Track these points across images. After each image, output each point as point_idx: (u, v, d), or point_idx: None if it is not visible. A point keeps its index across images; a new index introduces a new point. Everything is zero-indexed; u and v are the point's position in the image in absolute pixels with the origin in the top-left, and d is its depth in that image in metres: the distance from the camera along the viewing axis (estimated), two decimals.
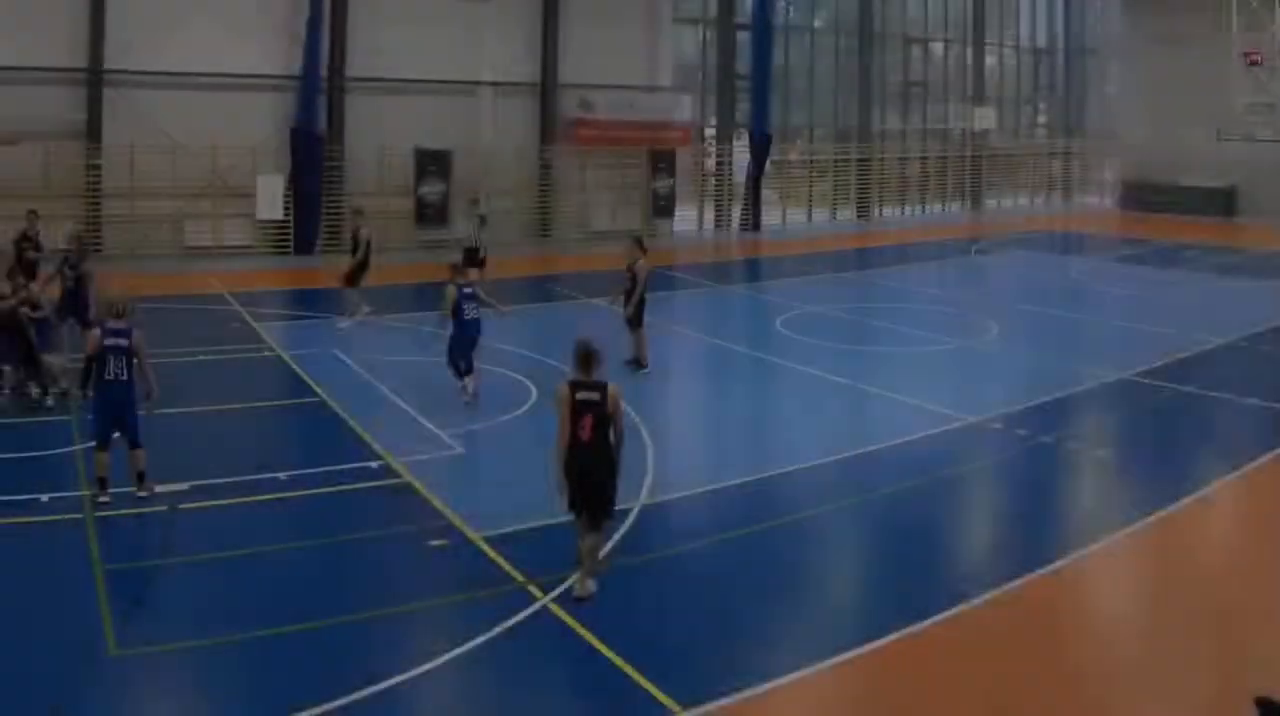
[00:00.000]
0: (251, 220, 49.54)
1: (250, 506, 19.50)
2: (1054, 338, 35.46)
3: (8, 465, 21.13)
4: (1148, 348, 32.85)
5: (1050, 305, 41.23)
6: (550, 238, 58.48)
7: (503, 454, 23.27)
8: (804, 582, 17.00)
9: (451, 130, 54.95)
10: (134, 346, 19.40)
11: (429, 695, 13.57)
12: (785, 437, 24.28)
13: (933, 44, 77.87)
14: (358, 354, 30.58)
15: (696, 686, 13.43)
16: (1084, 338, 36.06)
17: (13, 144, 41.61)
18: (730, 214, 66.28)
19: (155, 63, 47.92)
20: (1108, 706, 13.68)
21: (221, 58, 49.05)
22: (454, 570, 17.16)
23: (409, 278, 42.69)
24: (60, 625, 14.78)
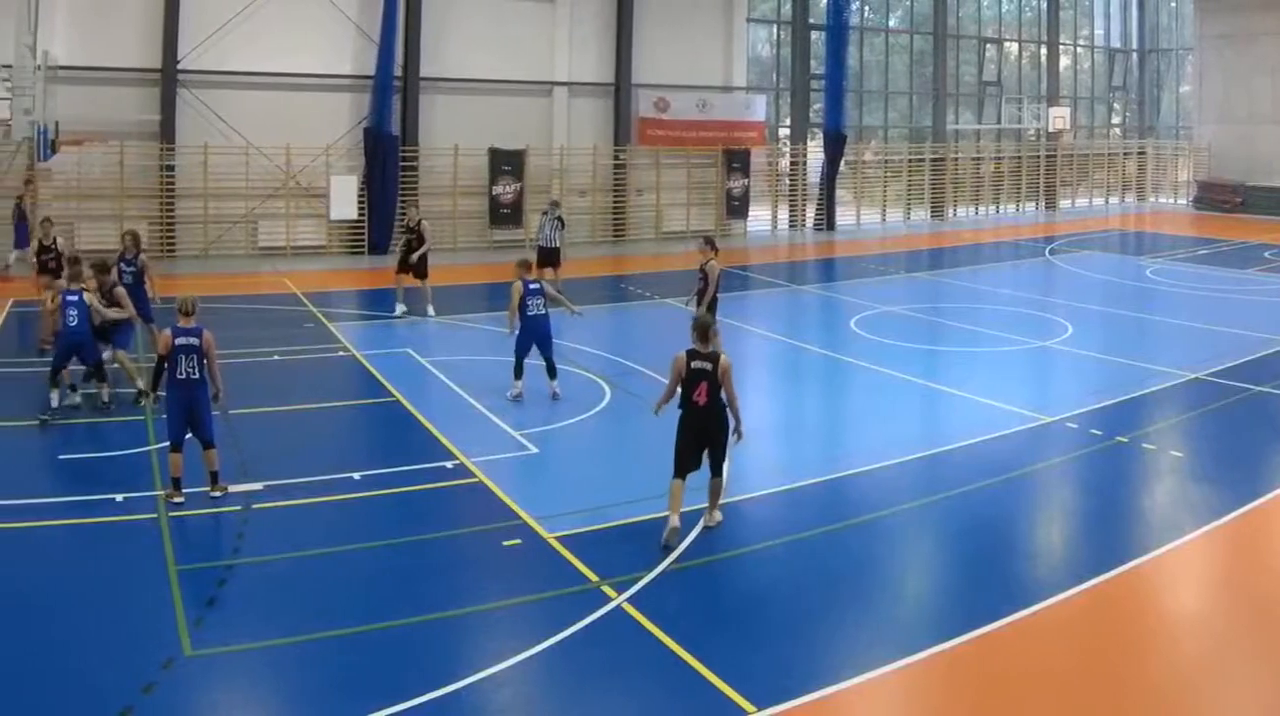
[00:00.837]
0: (325, 221, 49.70)
1: (324, 506, 19.54)
2: (1128, 337, 35.22)
3: (83, 465, 21.19)
4: (1222, 348, 32.55)
5: (1124, 305, 41.00)
6: (624, 238, 58.52)
7: (577, 454, 23.20)
8: (878, 582, 16.88)
9: (525, 130, 55.08)
10: (204, 346, 19.45)
11: (503, 695, 13.44)
12: (860, 437, 24.15)
13: (1007, 44, 77.64)
14: (432, 354, 30.60)
15: (771, 686, 13.32)
16: (1158, 337, 35.78)
17: (79, 144, 41.80)
18: (804, 214, 66.21)
19: (228, 63, 48.40)
20: (1182, 706, 13.56)
21: (295, 58, 49.51)
22: (527, 570, 17.08)
23: (483, 278, 42.71)
24: (135, 626, 14.74)
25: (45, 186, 45.38)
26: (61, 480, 20.55)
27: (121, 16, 46.70)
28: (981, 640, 14.71)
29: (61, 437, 22.83)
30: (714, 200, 61.82)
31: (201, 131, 48.00)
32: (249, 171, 48.70)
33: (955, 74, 73.54)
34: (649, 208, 59.95)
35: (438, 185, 53.26)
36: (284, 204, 49.93)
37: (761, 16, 66.12)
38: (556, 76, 56.67)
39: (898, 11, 72.90)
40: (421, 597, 15.82)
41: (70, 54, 43.20)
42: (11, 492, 19.45)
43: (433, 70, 53.05)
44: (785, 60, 66.67)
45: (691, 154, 60.61)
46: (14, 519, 18.32)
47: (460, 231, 53.42)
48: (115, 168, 46.39)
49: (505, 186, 54.43)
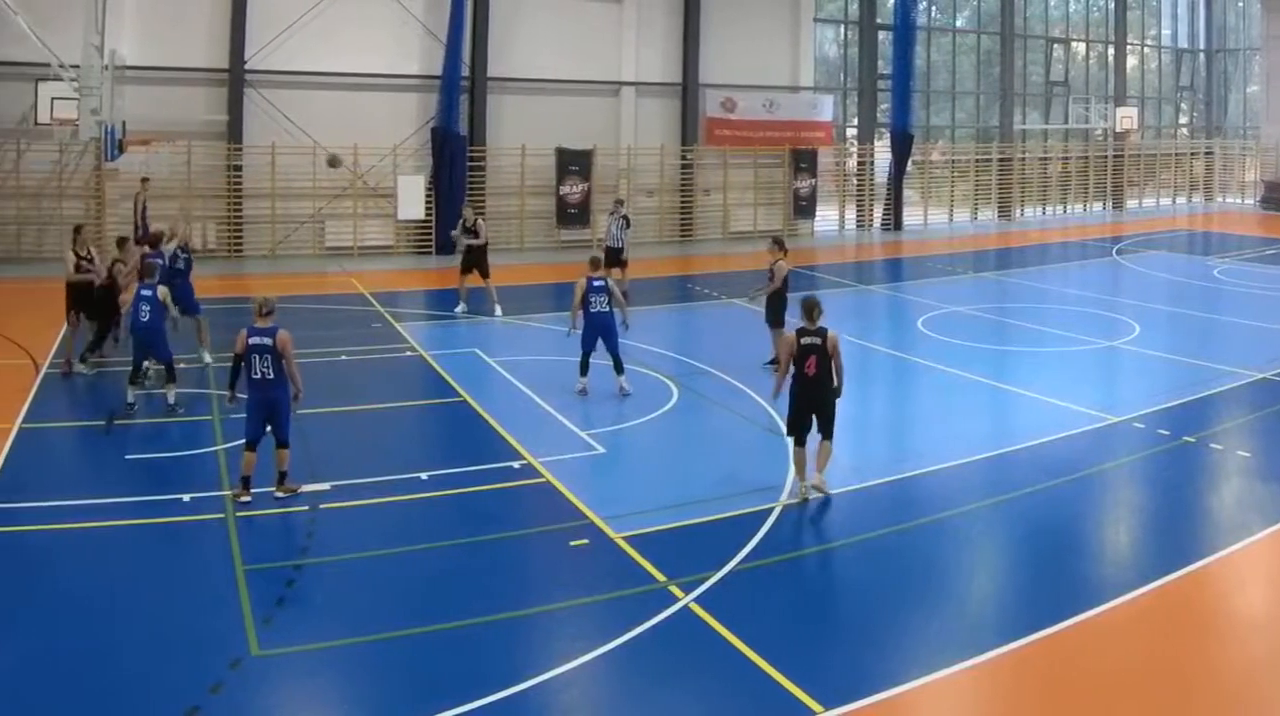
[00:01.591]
0: (392, 220, 49.81)
1: (392, 506, 19.58)
2: (1195, 337, 34.98)
3: (150, 465, 21.26)
4: None
5: (1191, 305, 40.81)
6: (691, 238, 58.54)
7: (644, 454, 23.17)
8: (946, 582, 16.80)
9: (592, 130, 55.19)
10: (278, 346, 19.55)
11: (570, 696, 13.43)
12: (927, 437, 24.01)
13: (1075, 44, 77.32)
14: (499, 353, 30.65)
15: (839, 686, 13.29)
16: (1225, 337, 35.51)
17: (146, 144, 42.03)
18: (871, 214, 66.20)
19: (296, 63, 48.78)
20: (1251, 707, 13.47)
21: (362, 58, 49.87)
22: (595, 570, 17.08)
23: (550, 278, 42.78)
24: (203, 626, 14.79)
25: (112, 186, 45.74)
26: (129, 480, 20.55)
27: (189, 17, 47.11)
28: (1049, 640, 14.63)
29: (129, 437, 22.92)
30: (781, 200, 61.85)
31: (269, 131, 48.36)
32: (316, 171, 48.79)
33: (1022, 74, 73.30)
34: (716, 208, 59.98)
35: (505, 185, 53.44)
36: (351, 204, 50.10)
37: (829, 16, 66.13)
38: (624, 76, 56.79)
39: (965, 11, 72.79)
40: (489, 598, 15.80)
41: (138, 54, 43.48)
42: (80, 492, 19.61)
43: (500, 70, 53.22)
44: (852, 60, 66.72)
45: (759, 154, 60.65)
46: (83, 519, 18.42)
47: (527, 231, 53.62)
48: (183, 167, 46.69)
49: (572, 186, 54.55)
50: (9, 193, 45.52)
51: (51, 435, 23.22)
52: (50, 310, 31.12)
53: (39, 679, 13.31)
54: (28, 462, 21.37)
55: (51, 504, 19.02)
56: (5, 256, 45.26)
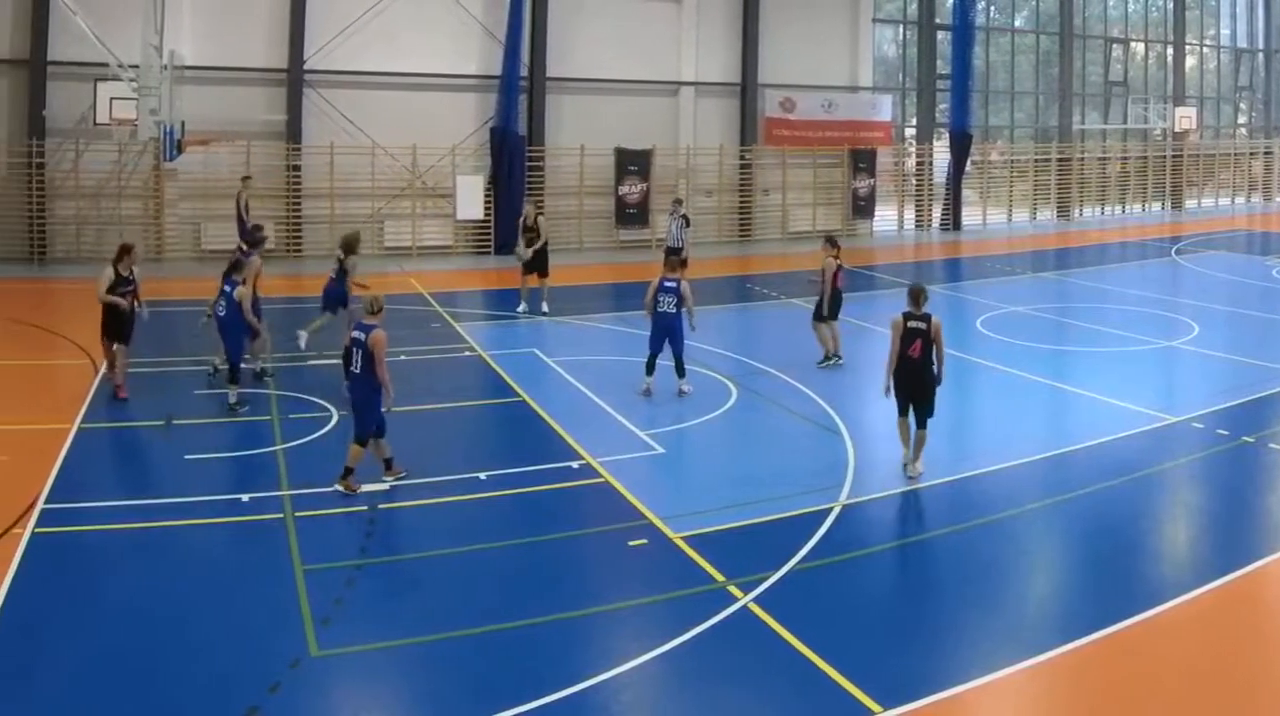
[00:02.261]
0: (451, 220, 49.81)
1: (450, 506, 19.62)
2: (1254, 337, 34.73)
3: (210, 465, 21.30)
4: None
5: (1250, 305, 40.53)
6: (750, 238, 58.53)
7: (703, 454, 23.21)
8: (1004, 582, 16.77)
9: (651, 130, 55.20)
10: (370, 344, 19.87)
11: (629, 696, 13.43)
12: (986, 437, 24.05)
13: (1133, 44, 76.93)
14: (558, 353, 30.65)
15: (898, 686, 13.27)
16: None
17: (205, 144, 42.19)
18: (930, 214, 66.08)
19: (355, 63, 49.00)
20: None
21: (421, 58, 49.99)
22: (653, 570, 17.07)
23: (608, 278, 42.81)
24: (262, 626, 14.85)
25: (171, 186, 45.95)
26: (188, 480, 20.57)
27: (248, 17, 47.30)
28: (1108, 640, 14.59)
29: (188, 438, 22.94)
30: (840, 200, 61.77)
31: (327, 131, 48.54)
32: (375, 171, 49.08)
33: (1081, 74, 73.18)
34: (775, 208, 59.91)
35: (564, 185, 53.51)
36: (410, 204, 50.19)
37: (887, 16, 66.07)
38: (683, 76, 56.74)
39: (1024, 11, 72.68)
40: (548, 598, 15.82)
41: (197, 54, 43.40)
42: (139, 493, 19.79)
43: (559, 70, 53.28)
44: (911, 60, 66.63)
45: (817, 154, 60.56)
46: (142, 519, 18.49)
47: (586, 231, 53.64)
48: (241, 167, 46.70)
49: (631, 186, 54.52)
50: (68, 193, 45.75)
51: (110, 435, 23.32)
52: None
53: (101, 679, 13.36)
54: (87, 463, 21.44)
55: (110, 504, 19.12)
56: (64, 256, 45.54)
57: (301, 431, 23.30)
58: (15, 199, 45.25)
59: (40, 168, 45.07)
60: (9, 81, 45.15)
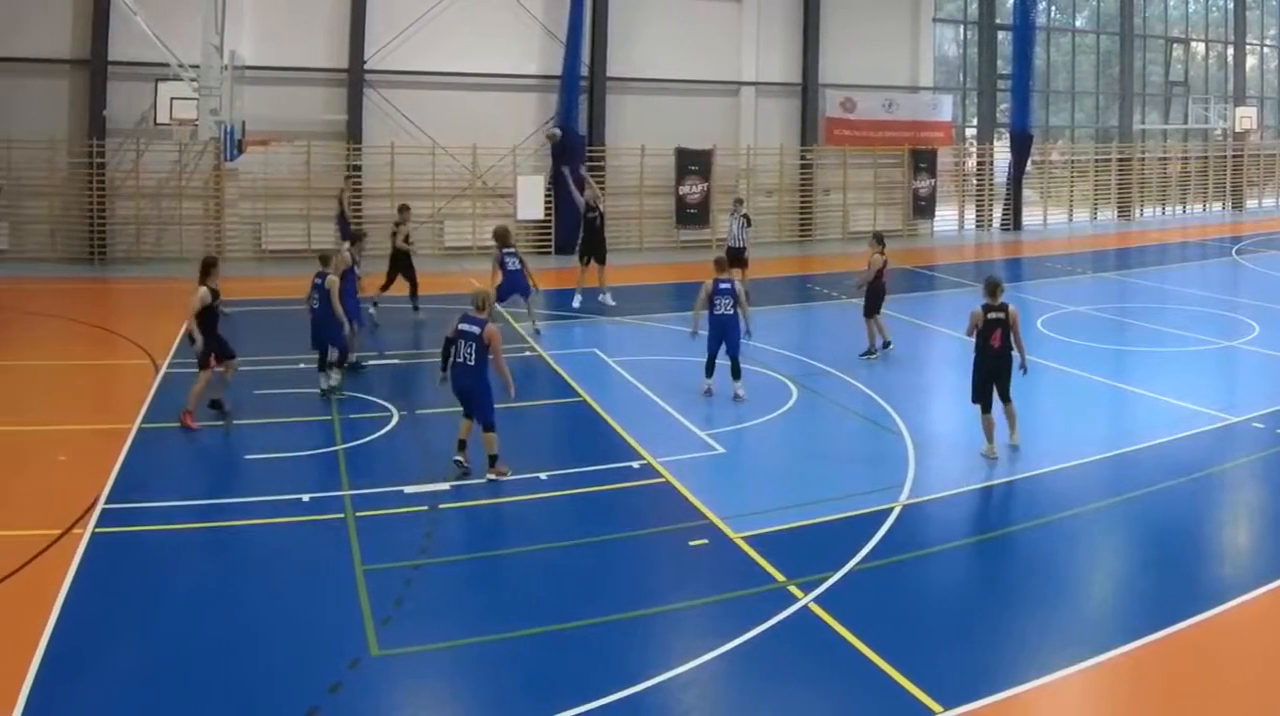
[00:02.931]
0: (511, 220, 49.75)
1: (511, 506, 19.69)
2: None
3: (269, 465, 21.30)
4: None
5: None
6: (810, 238, 58.51)
7: (763, 454, 23.09)
8: (1065, 582, 16.63)
9: (712, 130, 55.25)
10: (485, 337, 20.59)
11: (689, 696, 13.37)
12: (1046, 437, 23.64)
13: (1194, 44, 76.56)
14: (618, 353, 30.68)
15: (959, 686, 13.23)
16: None
17: (265, 144, 42.34)
18: (991, 214, 66.03)
19: (415, 63, 49.26)
20: None
21: (481, 58, 50.20)
22: (714, 570, 17.02)
23: (669, 278, 42.81)
24: (322, 626, 14.87)
25: (231, 186, 46.16)
26: (248, 480, 20.70)
27: (308, 17, 47.55)
28: (1169, 640, 14.52)
29: (248, 437, 23.03)
30: (900, 200, 61.76)
31: (388, 131, 48.77)
32: (435, 171, 49.24)
33: (1141, 74, 72.94)
34: (836, 208, 59.97)
35: (624, 185, 53.51)
36: (470, 204, 50.27)
37: (948, 16, 65.84)
38: (743, 76, 56.78)
39: (1084, 11, 72.53)
40: (608, 598, 15.82)
41: (257, 54, 43.70)
42: (199, 493, 19.84)
43: (619, 70, 53.39)
44: (972, 60, 66.57)
45: (878, 154, 60.59)
46: (202, 519, 18.59)
47: (646, 231, 53.66)
48: (302, 167, 47.05)
49: (692, 186, 54.64)
50: (128, 192, 46.04)
51: (171, 435, 23.26)
52: (169, 310, 31.43)
53: (161, 680, 13.38)
54: (147, 463, 21.47)
55: (170, 504, 19.14)
56: (125, 256, 45.81)
57: (362, 431, 23.35)
58: (76, 199, 45.57)
59: (101, 168, 45.38)
60: (70, 82, 45.45)
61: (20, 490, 19.92)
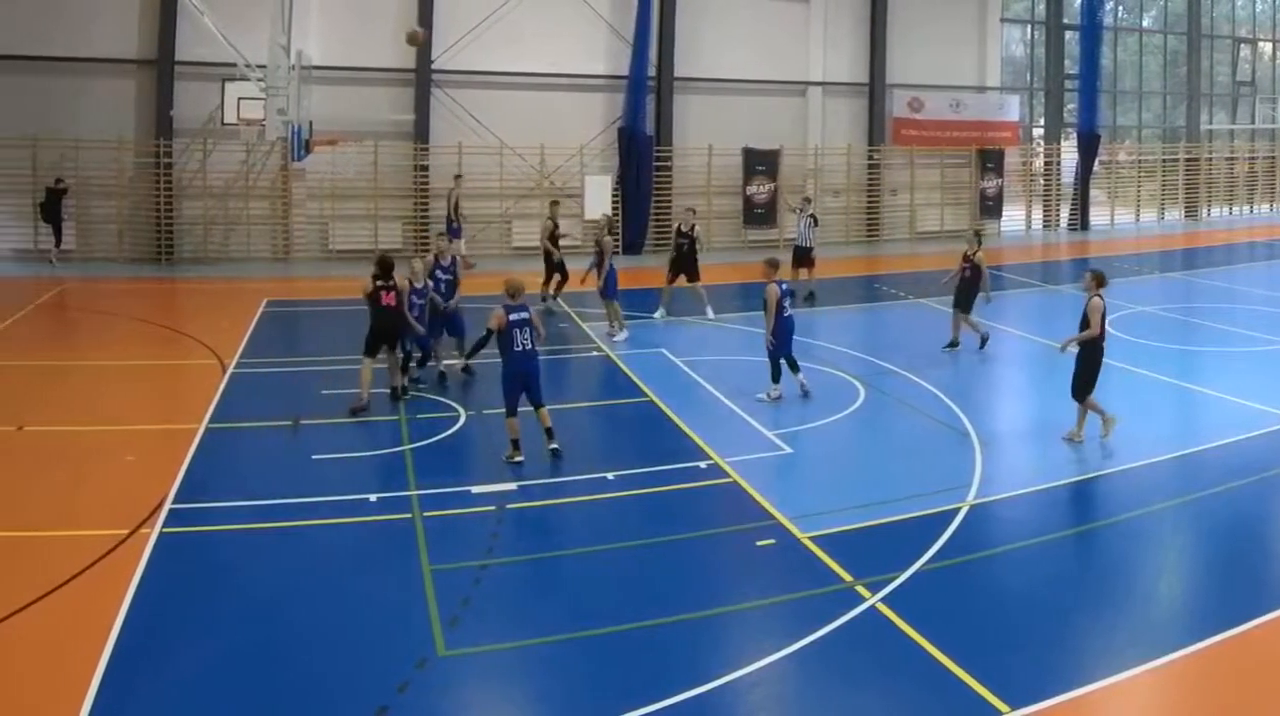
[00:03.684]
0: (579, 220, 49.74)
1: (578, 506, 19.71)
2: None
3: (336, 465, 21.38)
4: None
5: None
6: (877, 238, 58.53)
7: (831, 454, 23.04)
8: (1131, 582, 16.62)
9: (779, 130, 55.35)
10: (534, 320, 21.75)
11: (757, 695, 13.40)
12: (1113, 437, 23.44)
13: (1262, 44, 76.05)
14: (685, 354, 30.61)
15: (1025, 686, 13.22)
16: None
17: (333, 144, 42.47)
18: (1058, 214, 65.87)
19: (482, 63, 49.44)
20: None
21: (548, 58, 50.38)
22: (781, 570, 17.02)
23: (736, 277, 42.67)
24: (390, 625, 14.93)
25: (298, 186, 46.36)
26: (316, 480, 20.67)
27: (375, 17, 47.74)
28: (1236, 640, 14.50)
29: (315, 437, 23.08)
30: (967, 200, 61.70)
31: (455, 131, 48.94)
32: (503, 171, 49.37)
33: (1209, 74, 72.56)
34: (903, 208, 60.01)
35: (691, 185, 53.57)
36: (538, 204, 49.98)
37: (1015, 16, 65.81)
38: (811, 76, 56.79)
39: (1152, 11, 72.19)
40: (675, 597, 15.83)
41: (324, 54, 43.87)
42: (267, 493, 19.75)
43: (686, 70, 53.47)
44: (1039, 60, 66.40)
45: (945, 154, 60.60)
46: (269, 519, 18.61)
47: (714, 231, 53.57)
48: (369, 167, 47.19)
49: (759, 186, 54.75)
50: (195, 192, 46.33)
51: (238, 436, 23.41)
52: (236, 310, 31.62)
53: (229, 680, 13.48)
54: (214, 463, 21.60)
55: (237, 504, 19.22)
56: (192, 256, 46.06)
57: (429, 431, 23.42)
58: (143, 199, 45.91)
59: (168, 168, 45.69)
60: (137, 82, 45.74)
61: (88, 490, 20.04)
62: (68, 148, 44.70)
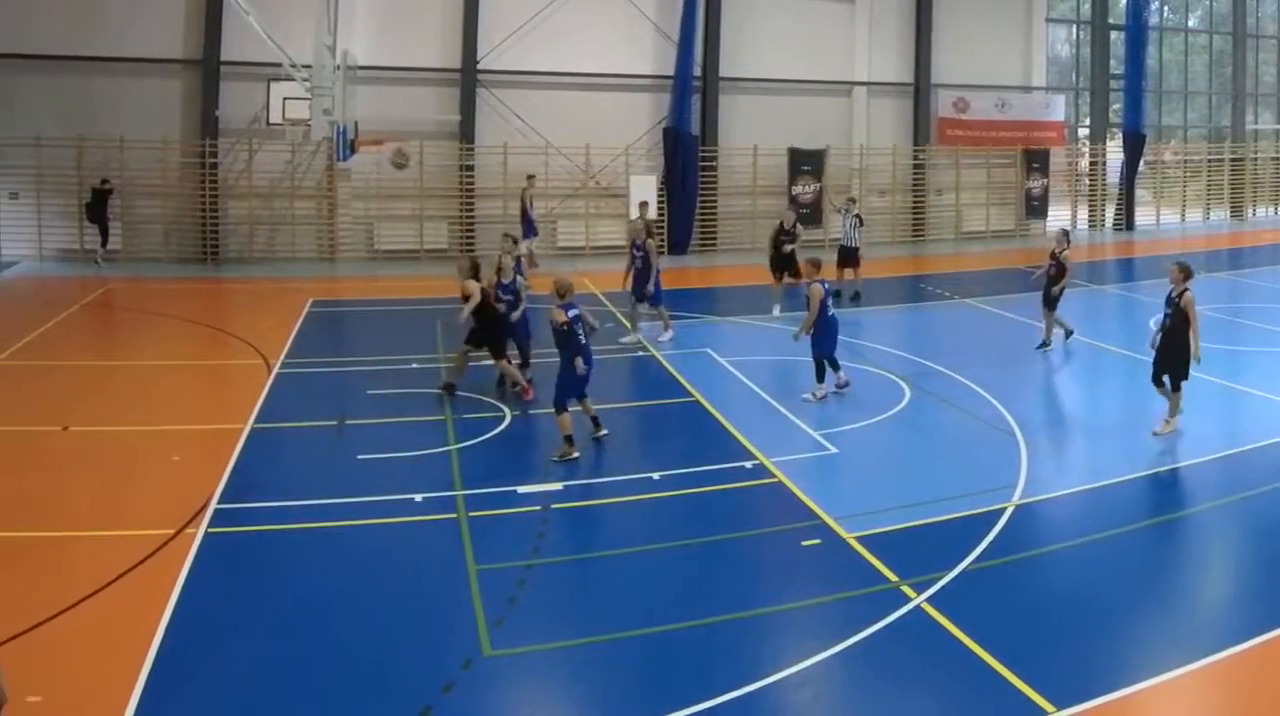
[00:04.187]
0: (624, 220, 49.66)
1: (623, 506, 19.72)
2: None
3: (382, 465, 21.38)
4: None
5: None
6: (923, 238, 58.44)
7: (876, 454, 22.98)
8: (1178, 582, 16.65)
9: (825, 130, 55.32)
10: (585, 317, 22.44)
11: (803, 695, 13.37)
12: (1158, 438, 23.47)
13: None
14: (731, 354, 30.56)
15: (1071, 686, 13.15)
16: None
17: (378, 144, 42.52)
18: (1104, 214, 65.70)
19: (527, 63, 49.51)
20: None
21: (594, 58, 50.45)
22: (827, 570, 16.99)
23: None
24: (436, 626, 14.96)
25: (344, 186, 46.50)
26: (361, 480, 20.67)
27: (420, 17, 47.95)
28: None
29: (361, 438, 23.09)
30: (1013, 200, 61.54)
31: (501, 131, 49.05)
32: (548, 171, 49.36)
33: (1254, 74, 72.05)
34: (948, 208, 59.85)
35: (737, 185, 53.75)
36: (583, 204, 50.47)
37: (1061, 16, 65.66)
38: (856, 76, 56.75)
39: (1197, 11, 71.95)
40: (721, 598, 15.80)
41: (369, 54, 43.90)
42: (312, 493, 19.80)
43: (732, 70, 53.47)
44: (1084, 60, 66.15)
45: (991, 154, 60.44)
46: (314, 519, 18.64)
47: (759, 231, 53.31)
48: (414, 167, 47.28)
49: (804, 186, 54.63)
50: (241, 192, 46.59)
51: (283, 435, 23.51)
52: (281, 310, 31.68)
53: (274, 678, 13.52)
54: (260, 463, 21.69)
55: (283, 504, 19.28)
56: (237, 257, 46.28)
57: (475, 431, 23.43)
58: (189, 199, 46.14)
59: (213, 168, 45.93)
60: (182, 82, 45.99)
61: (135, 490, 20.09)
62: (113, 148, 44.99)
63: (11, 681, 8.60)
